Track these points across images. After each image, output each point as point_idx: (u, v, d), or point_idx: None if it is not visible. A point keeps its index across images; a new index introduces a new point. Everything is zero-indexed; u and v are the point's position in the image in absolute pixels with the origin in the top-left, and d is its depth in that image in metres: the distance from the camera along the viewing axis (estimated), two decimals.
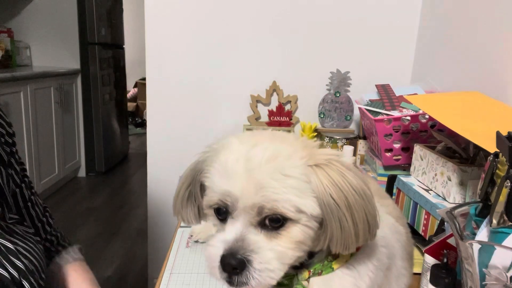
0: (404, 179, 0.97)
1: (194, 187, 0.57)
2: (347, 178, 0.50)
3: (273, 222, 0.48)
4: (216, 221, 0.53)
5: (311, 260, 0.54)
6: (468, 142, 0.87)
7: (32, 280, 0.65)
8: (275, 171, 0.48)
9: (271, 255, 0.48)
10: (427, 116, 1.10)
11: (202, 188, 0.56)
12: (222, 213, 0.51)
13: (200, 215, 0.58)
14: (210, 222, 0.55)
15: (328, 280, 0.53)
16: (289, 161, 0.49)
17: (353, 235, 0.49)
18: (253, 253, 0.47)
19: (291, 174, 0.48)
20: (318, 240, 0.51)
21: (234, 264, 0.47)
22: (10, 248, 0.63)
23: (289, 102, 1.58)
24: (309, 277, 0.54)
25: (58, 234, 0.86)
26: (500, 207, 0.53)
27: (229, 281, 0.48)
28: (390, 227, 0.63)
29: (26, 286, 0.63)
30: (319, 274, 0.54)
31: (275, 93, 1.58)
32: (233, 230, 0.49)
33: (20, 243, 0.67)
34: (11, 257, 0.62)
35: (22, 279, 0.63)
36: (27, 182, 0.83)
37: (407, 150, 1.11)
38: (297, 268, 0.54)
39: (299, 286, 0.53)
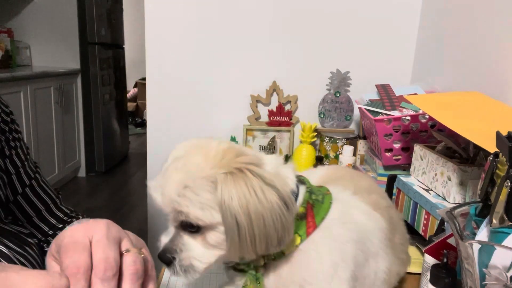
0: (404, 179, 0.97)
1: None
2: (254, 187, 0.50)
3: (190, 227, 0.54)
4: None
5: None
6: (468, 142, 0.87)
7: None
8: (179, 185, 0.52)
9: (192, 254, 0.55)
10: (427, 116, 1.10)
11: None
12: None
13: None
14: None
15: (281, 265, 0.56)
16: (196, 173, 0.52)
17: (250, 245, 0.51)
18: (175, 253, 0.56)
19: (194, 186, 0.52)
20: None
21: (165, 260, 0.56)
22: (5, 254, 0.62)
23: (289, 102, 1.58)
24: (265, 263, 0.57)
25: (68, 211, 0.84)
26: (500, 207, 0.53)
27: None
28: (361, 210, 0.64)
29: None
30: (273, 260, 0.57)
31: (275, 93, 1.58)
32: (169, 232, 0.58)
33: (16, 247, 0.66)
34: (5, 263, 0.61)
35: None
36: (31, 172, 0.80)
37: (407, 150, 1.11)
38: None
39: (252, 272, 0.57)
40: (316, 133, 1.50)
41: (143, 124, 5.58)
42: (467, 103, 0.92)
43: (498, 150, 0.57)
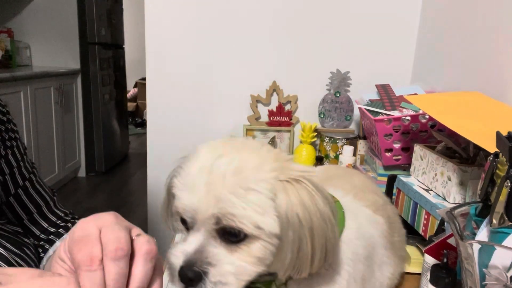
0: (404, 179, 0.97)
1: (168, 195, 0.57)
2: (316, 200, 0.48)
3: (232, 236, 0.47)
4: (182, 230, 0.53)
5: None
6: (468, 142, 0.87)
7: None
8: (236, 185, 0.46)
9: (229, 269, 0.47)
10: (427, 116, 1.10)
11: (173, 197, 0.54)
12: (186, 223, 0.51)
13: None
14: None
15: (306, 282, 0.53)
16: (256, 174, 0.48)
17: (309, 260, 0.48)
18: (210, 266, 0.47)
19: (254, 188, 0.47)
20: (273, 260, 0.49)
21: (191, 276, 0.47)
22: (3, 255, 0.61)
23: (289, 102, 1.58)
24: (286, 281, 0.53)
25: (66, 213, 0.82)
26: (500, 207, 0.53)
27: None
28: (366, 218, 0.64)
29: None
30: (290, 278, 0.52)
31: (275, 93, 1.58)
32: (193, 241, 0.49)
33: (13, 248, 0.65)
34: (4, 265, 0.59)
35: None
36: (25, 172, 0.79)
37: (407, 150, 1.11)
38: (273, 274, 0.52)
39: None
40: (316, 133, 1.50)
41: (143, 124, 5.57)
42: (467, 103, 0.92)
43: (498, 150, 0.57)
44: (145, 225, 1.78)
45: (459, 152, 0.89)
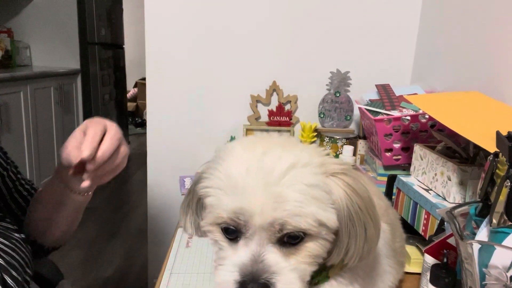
0: (404, 179, 0.97)
1: (192, 198, 0.54)
2: (364, 189, 0.50)
3: (293, 239, 0.44)
4: (224, 241, 0.48)
5: None
6: (468, 142, 0.87)
7: (15, 274, 0.64)
8: (296, 181, 0.43)
9: (294, 275, 0.44)
10: (427, 116, 1.10)
11: (199, 201, 0.51)
12: (232, 232, 0.46)
13: (198, 229, 0.54)
14: (211, 240, 0.50)
15: (334, 285, 0.53)
16: (309, 169, 0.45)
17: (369, 244, 0.49)
18: (275, 275, 0.43)
19: (313, 183, 0.44)
20: (330, 253, 0.50)
21: None
22: None
23: (289, 102, 1.58)
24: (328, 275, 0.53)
25: None
26: (500, 207, 0.53)
27: None
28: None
29: (8, 281, 0.63)
30: (315, 284, 0.51)
31: (275, 93, 1.58)
32: (248, 251, 0.44)
33: (3, 240, 0.67)
34: None
35: (3, 274, 0.62)
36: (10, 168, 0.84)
37: (407, 150, 1.11)
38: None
39: None
40: (316, 133, 1.50)
41: (143, 124, 5.57)
42: (467, 103, 0.92)
43: (498, 150, 0.57)
44: (145, 225, 1.78)
45: (459, 152, 0.89)
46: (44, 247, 0.86)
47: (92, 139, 0.68)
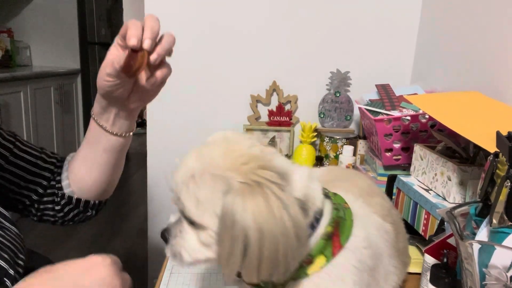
0: (404, 179, 0.97)
1: None
2: (274, 211, 0.45)
3: (189, 220, 0.52)
4: None
5: None
6: (468, 142, 0.87)
7: (7, 256, 0.64)
8: (187, 173, 0.50)
9: (182, 244, 0.54)
10: (427, 116, 1.10)
11: None
12: None
13: None
14: None
15: (305, 283, 0.52)
16: (209, 167, 0.49)
17: (253, 268, 0.47)
18: (171, 236, 0.55)
19: (199, 180, 0.49)
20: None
21: (163, 239, 0.57)
22: None
23: (289, 102, 1.58)
24: (285, 283, 0.52)
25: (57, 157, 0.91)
26: (500, 207, 0.53)
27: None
28: (376, 227, 0.62)
29: (1, 263, 0.63)
30: (294, 279, 0.52)
31: (275, 93, 1.58)
32: (176, 215, 0.56)
33: None
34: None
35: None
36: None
37: (407, 150, 1.11)
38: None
39: None
40: (316, 133, 1.50)
41: (143, 124, 5.57)
42: (467, 103, 0.92)
43: (498, 150, 0.57)
44: (145, 225, 1.78)
45: (459, 152, 0.89)
46: (89, 203, 0.87)
47: (152, 29, 0.61)
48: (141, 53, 0.61)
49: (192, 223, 0.51)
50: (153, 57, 0.62)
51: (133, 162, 4.43)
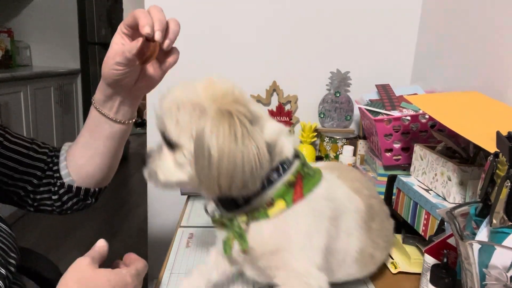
0: (404, 179, 0.97)
1: None
2: (236, 135, 0.52)
3: (167, 142, 0.59)
4: None
5: (249, 205, 0.59)
6: (468, 142, 0.87)
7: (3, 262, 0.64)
8: (172, 100, 0.58)
9: (158, 164, 0.62)
10: (427, 116, 1.10)
11: None
12: None
13: None
14: None
15: (264, 226, 0.59)
16: (190, 97, 0.57)
17: (214, 179, 0.53)
18: (150, 158, 0.63)
19: (181, 106, 0.57)
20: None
21: (144, 161, 0.64)
22: None
23: (289, 102, 1.58)
24: (247, 222, 0.59)
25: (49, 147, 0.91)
26: (500, 207, 0.53)
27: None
28: (342, 191, 0.68)
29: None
30: (256, 219, 0.59)
31: (275, 93, 1.58)
32: (157, 145, 0.63)
33: None
34: None
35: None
36: None
37: (407, 150, 1.11)
38: (235, 211, 0.60)
39: (236, 228, 0.59)
40: (316, 133, 1.50)
41: (143, 124, 5.57)
42: (467, 103, 0.92)
43: (498, 150, 0.57)
44: (145, 225, 1.78)
45: (459, 152, 0.89)
46: (90, 191, 0.88)
47: (161, 21, 0.68)
48: (153, 43, 0.67)
49: (171, 145, 0.59)
50: (166, 43, 0.71)
51: (133, 162, 4.43)
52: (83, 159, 0.84)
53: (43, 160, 0.87)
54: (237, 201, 0.59)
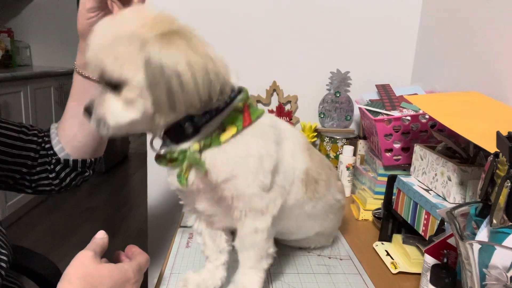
0: (404, 179, 0.97)
1: None
2: (196, 45, 0.55)
3: (109, 84, 0.55)
4: None
5: (199, 134, 0.60)
6: (468, 142, 0.87)
7: None
8: (105, 39, 0.54)
9: (108, 109, 0.57)
10: (427, 116, 1.10)
11: None
12: None
13: None
14: None
15: (217, 152, 0.60)
16: (125, 30, 0.53)
17: (195, 93, 0.54)
18: (93, 106, 0.58)
19: (119, 41, 0.53)
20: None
21: (87, 113, 0.59)
22: None
23: (289, 102, 1.58)
24: (201, 150, 0.60)
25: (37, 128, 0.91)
26: (500, 207, 0.53)
27: None
28: (285, 124, 0.74)
29: None
30: (208, 147, 0.60)
31: (275, 93, 1.58)
32: (100, 89, 0.58)
33: None
34: None
35: None
36: None
37: (407, 150, 1.11)
38: (185, 142, 0.61)
39: (191, 156, 0.60)
40: (316, 133, 1.50)
41: None
42: (467, 103, 0.92)
43: (498, 150, 0.57)
44: (145, 225, 1.78)
45: (459, 152, 0.89)
46: (86, 162, 0.89)
47: None
48: None
49: (114, 86, 0.55)
50: None
51: (133, 162, 4.43)
52: (74, 128, 0.85)
53: (34, 141, 0.87)
54: (185, 131, 0.59)
